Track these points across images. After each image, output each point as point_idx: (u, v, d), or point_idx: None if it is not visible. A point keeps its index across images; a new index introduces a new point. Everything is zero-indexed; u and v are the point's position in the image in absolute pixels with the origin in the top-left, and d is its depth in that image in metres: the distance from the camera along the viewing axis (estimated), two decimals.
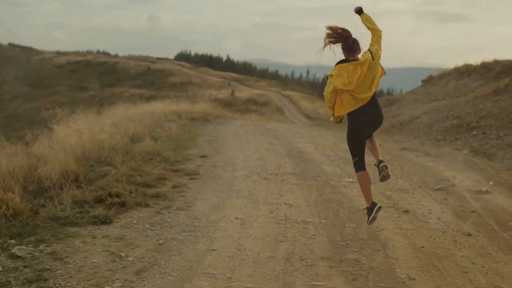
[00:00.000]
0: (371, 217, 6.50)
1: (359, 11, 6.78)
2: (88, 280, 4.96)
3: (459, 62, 28.94)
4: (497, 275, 5.38)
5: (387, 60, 7.47)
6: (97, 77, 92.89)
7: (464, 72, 26.74)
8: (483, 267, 5.59)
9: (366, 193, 6.72)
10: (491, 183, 9.84)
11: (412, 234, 6.71)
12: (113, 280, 4.99)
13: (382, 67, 6.73)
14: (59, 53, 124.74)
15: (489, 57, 26.89)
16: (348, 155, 13.14)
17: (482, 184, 9.73)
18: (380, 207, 6.55)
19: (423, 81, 30.33)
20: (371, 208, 6.54)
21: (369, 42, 6.71)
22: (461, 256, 5.91)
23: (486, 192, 9.03)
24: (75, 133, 11.08)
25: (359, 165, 7.02)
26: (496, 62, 25.25)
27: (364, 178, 6.87)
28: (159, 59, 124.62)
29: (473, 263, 5.69)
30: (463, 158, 12.65)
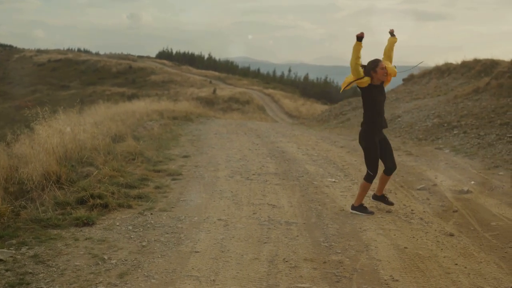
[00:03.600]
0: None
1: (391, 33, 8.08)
2: (70, 284, 4.92)
3: (440, 60, 29.11)
4: (479, 275, 5.41)
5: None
6: (78, 75, 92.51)
7: (445, 71, 26.90)
8: (465, 267, 5.62)
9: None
10: (473, 182, 9.90)
11: (395, 235, 6.74)
12: (96, 283, 4.96)
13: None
14: (39, 52, 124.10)
15: (469, 56, 27.11)
16: (330, 155, 13.21)
17: (464, 183, 9.79)
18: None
19: (404, 80, 30.45)
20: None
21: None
22: (444, 257, 5.94)
23: (468, 191, 9.09)
24: (56, 133, 10.99)
25: None
26: (477, 61, 25.43)
27: None
28: (140, 57, 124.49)
29: (456, 264, 5.72)
30: (445, 157, 12.72)
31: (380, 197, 8.14)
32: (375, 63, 7.68)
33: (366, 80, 7.67)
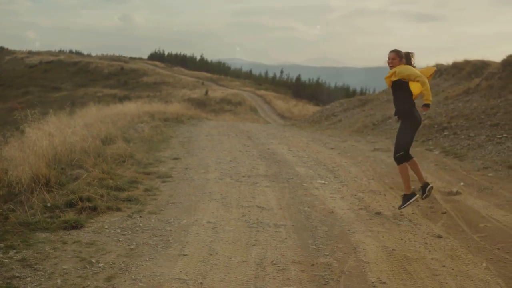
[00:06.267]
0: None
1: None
2: None
3: (431, 61, 29.25)
4: (467, 277, 5.43)
5: (360, 60, 7.88)
6: (70, 77, 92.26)
7: (436, 72, 26.95)
8: (453, 269, 5.64)
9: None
10: (462, 184, 9.93)
11: (383, 237, 6.76)
12: (84, 287, 4.94)
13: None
14: (31, 53, 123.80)
15: (460, 57, 27.22)
16: (321, 156, 13.21)
17: (453, 185, 9.83)
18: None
19: None
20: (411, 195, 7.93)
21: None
22: (432, 259, 5.96)
23: (457, 193, 9.12)
24: (46, 136, 10.96)
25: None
26: (467, 62, 25.50)
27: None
28: (132, 58, 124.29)
29: (443, 266, 5.74)
30: (435, 158, 12.75)
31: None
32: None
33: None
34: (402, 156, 7.95)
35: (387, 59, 8.07)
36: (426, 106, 7.89)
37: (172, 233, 6.71)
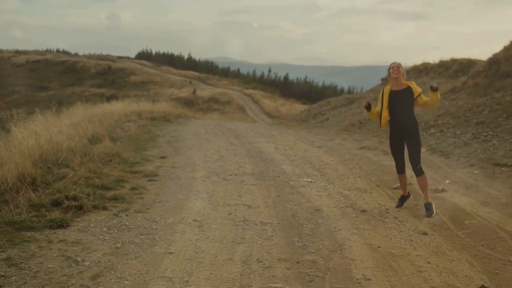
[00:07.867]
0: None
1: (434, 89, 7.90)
2: (43, 286, 4.89)
3: (418, 60, 29.43)
4: (451, 274, 5.45)
5: (347, 58, 7.89)
6: (57, 76, 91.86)
7: (423, 70, 27.07)
8: (437, 266, 5.67)
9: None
10: (448, 181, 9.97)
11: (369, 234, 6.78)
12: (69, 285, 4.93)
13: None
14: (18, 52, 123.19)
15: (447, 56, 27.35)
16: (307, 155, 13.23)
17: (439, 182, 9.85)
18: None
19: (382, 79, 30.60)
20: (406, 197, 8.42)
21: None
22: (417, 256, 5.98)
23: (442, 190, 9.16)
24: (32, 135, 10.91)
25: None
26: (454, 61, 25.64)
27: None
28: (119, 58, 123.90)
29: (428, 262, 5.76)
30: (421, 156, 12.79)
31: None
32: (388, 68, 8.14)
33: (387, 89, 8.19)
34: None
35: (391, 69, 8.11)
36: None
37: (158, 232, 6.71)
